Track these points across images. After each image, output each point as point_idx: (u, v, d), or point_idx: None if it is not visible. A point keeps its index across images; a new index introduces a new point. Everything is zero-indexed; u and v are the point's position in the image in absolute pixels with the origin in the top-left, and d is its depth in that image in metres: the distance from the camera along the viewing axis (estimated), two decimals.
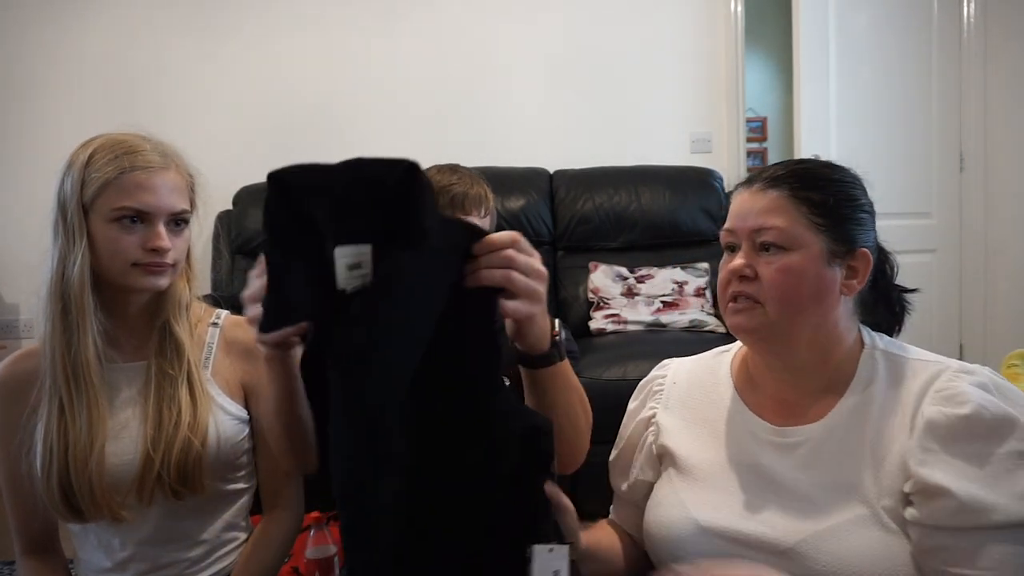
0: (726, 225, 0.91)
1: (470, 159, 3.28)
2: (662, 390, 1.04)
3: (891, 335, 0.96)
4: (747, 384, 0.97)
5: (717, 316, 2.81)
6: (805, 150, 3.19)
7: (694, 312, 2.81)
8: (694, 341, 2.60)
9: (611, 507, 1.11)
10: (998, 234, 3.38)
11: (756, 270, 0.86)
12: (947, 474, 0.77)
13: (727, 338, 2.73)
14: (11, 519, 1.12)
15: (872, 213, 0.91)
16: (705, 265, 2.99)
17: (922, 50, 3.37)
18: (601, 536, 1.05)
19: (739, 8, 3.39)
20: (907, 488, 0.80)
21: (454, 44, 3.44)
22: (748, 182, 0.91)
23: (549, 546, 0.74)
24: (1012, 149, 3.36)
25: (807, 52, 3.17)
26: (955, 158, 3.43)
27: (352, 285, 0.68)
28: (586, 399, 0.92)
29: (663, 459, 1.00)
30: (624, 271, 2.98)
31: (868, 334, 0.93)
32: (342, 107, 3.41)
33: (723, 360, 1.03)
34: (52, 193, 1.06)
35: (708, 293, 2.91)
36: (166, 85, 3.35)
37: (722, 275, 0.91)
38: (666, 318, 2.78)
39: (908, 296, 0.99)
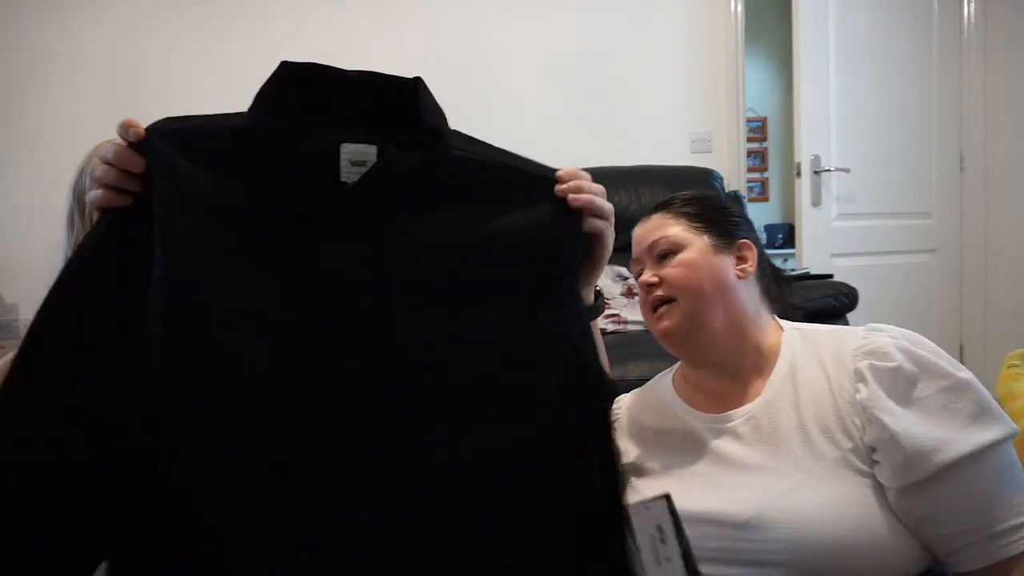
0: (633, 255, 1.08)
1: None
2: (616, 419, 1.07)
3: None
4: (686, 389, 1.05)
5: None
6: (805, 150, 3.19)
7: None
8: None
9: None
10: (998, 234, 3.38)
11: (661, 276, 1.01)
12: (893, 418, 0.83)
13: None
14: None
15: (747, 220, 1.10)
16: None
17: (922, 50, 3.37)
18: None
19: (739, 8, 3.39)
20: (867, 439, 0.85)
21: (454, 44, 3.44)
22: (642, 221, 1.09)
23: (644, 503, 0.69)
24: (1012, 149, 3.36)
25: (807, 52, 3.17)
26: (955, 158, 3.43)
27: (354, 178, 0.65)
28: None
29: (627, 476, 1.03)
30: (624, 271, 2.98)
31: (786, 323, 1.04)
32: None
33: (664, 380, 1.11)
34: (69, 186, 1.09)
35: None
36: (167, 84, 3.35)
37: (640, 297, 1.05)
38: None
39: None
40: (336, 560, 0.59)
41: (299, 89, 0.66)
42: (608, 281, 2.94)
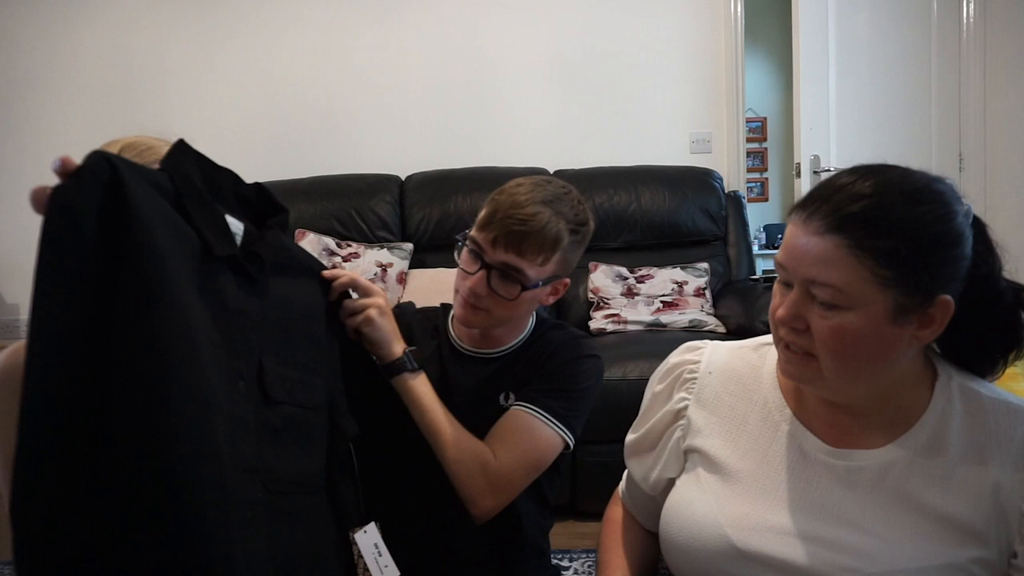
0: (779, 257, 0.79)
1: (470, 159, 3.32)
2: (694, 379, 0.92)
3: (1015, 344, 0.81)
4: (794, 393, 0.86)
5: (717, 316, 2.82)
6: (805, 150, 3.19)
7: (694, 312, 2.81)
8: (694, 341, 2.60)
9: (622, 486, 1.04)
10: (998, 234, 3.37)
11: (808, 321, 0.75)
12: None
13: (727, 338, 2.72)
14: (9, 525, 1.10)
15: (965, 240, 0.75)
16: (705, 265, 2.99)
17: (922, 50, 3.37)
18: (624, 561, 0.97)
19: (739, 8, 3.39)
20: (1019, 550, 0.73)
21: (454, 44, 3.44)
22: (804, 209, 0.76)
23: (362, 528, 0.92)
24: (1012, 149, 3.36)
25: (807, 52, 3.17)
26: (955, 158, 3.43)
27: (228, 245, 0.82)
28: (461, 452, 1.04)
29: (690, 456, 0.91)
30: (624, 271, 2.98)
31: (941, 364, 0.82)
32: (342, 106, 3.42)
33: (767, 357, 0.90)
34: None
35: (708, 293, 2.91)
36: (167, 84, 3.36)
37: (772, 311, 0.80)
38: (666, 318, 2.78)
39: None
40: None
41: (196, 165, 0.82)
42: (608, 281, 2.95)
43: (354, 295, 1.02)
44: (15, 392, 1.10)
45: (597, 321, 2.83)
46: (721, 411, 0.89)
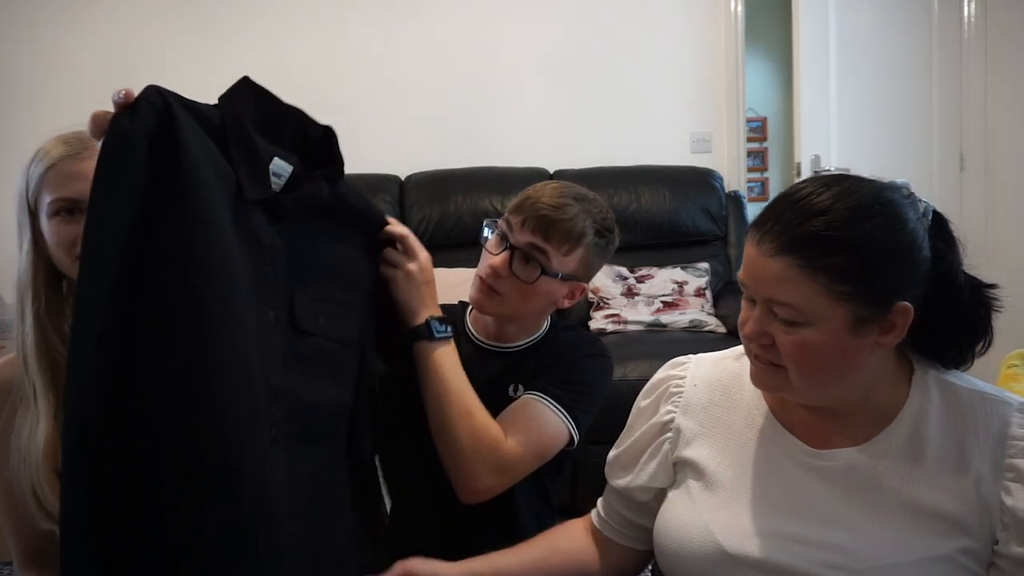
0: (740, 274, 0.82)
1: (470, 159, 3.31)
2: (680, 392, 0.95)
3: (973, 342, 0.84)
4: (777, 401, 0.88)
5: (717, 316, 2.82)
6: (805, 150, 3.19)
7: (694, 312, 2.81)
8: (694, 341, 2.60)
9: (599, 502, 1.04)
10: (998, 234, 3.38)
11: (772, 337, 0.78)
12: None
13: (728, 338, 2.70)
14: (7, 532, 1.09)
15: (919, 245, 0.77)
16: (705, 265, 2.99)
17: (922, 50, 3.37)
18: (518, 557, 0.97)
19: (739, 8, 3.39)
20: (1003, 549, 0.74)
21: (454, 44, 3.44)
22: (757, 230, 0.79)
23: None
24: (1012, 149, 3.36)
25: (807, 52, 3.17)
26: (955, 158, 3.43)
27: (272, 185, 0.86)
28: (475, 426, 1.03)
29: (679, 468, 0.92)
30: (624, 271, 2.98)
31: (917, 359, 0.84)
32: (343, 106, 3.41)
33: (748, 365, 0.92)
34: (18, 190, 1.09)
35: (708, 293, 2.91)
36: (166, 84, 3.35)
37: (740, 324, 0.82)
38: (666, 318, 2.78)
39: (992, 294, 0.84)
40: None
41: (254, 103, 0.86)
42: (608, 281, 2.95)
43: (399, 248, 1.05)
44: (2, 404, 1.09)
45: (597, 321, 2.83)
46: (708, 421, 0.91)
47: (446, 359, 1.06)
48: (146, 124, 0.72)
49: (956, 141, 3.42)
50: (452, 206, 3.10)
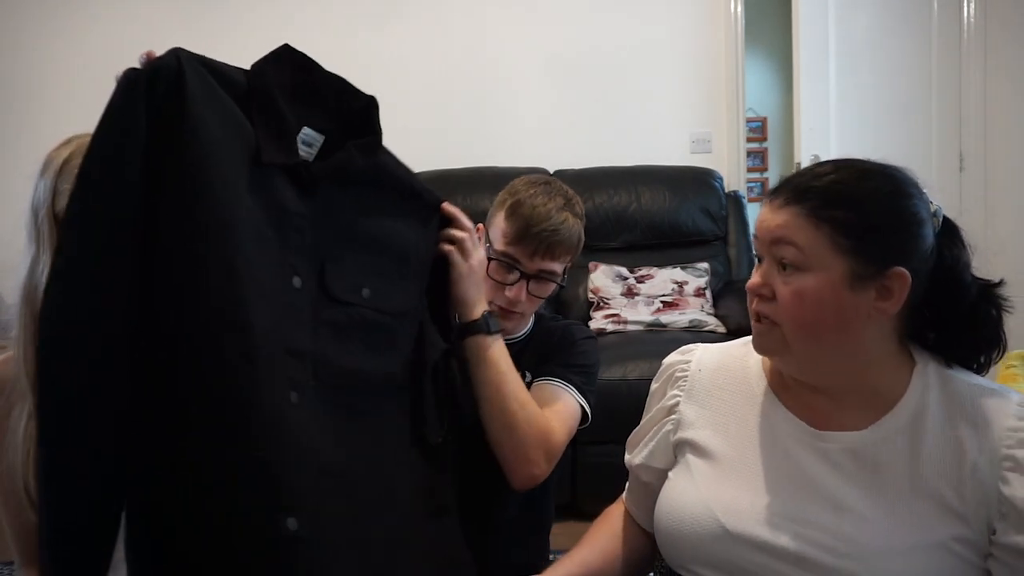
0: (754, 230, 0.87)
1: (470, 159, 3.31)
2: (685, 376, 0.97)
3: (985, 344, 0.85)
4: (779, 381, 0.90)
5: (717, 316, 2.82)
6: (805, 150, 3.19)
7: (694, 312, 2.81)
8: (694, 341, 2.59)
9: (626, 486, 1.07)
10: (998, 234, 3.38)
11: (774, 289, 0.81)
12: None
13: (728, 338, 2.71)
14: (7, 531, 1.09)
15: (921, 222, 0.81)
16: (705, 265, 2.99)
17: (922, 50, 3.37)
18: (595, 551, 1.00)
19: (739, 8, 3.39)
20: (1000, 539, 0.75)
21: (454, 44, 3.44)
22: (774, 191, 0.84)
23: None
24: (1012, 149, 3.36)
25: (807, 52, 3.17)
26: (955, 158, 3.43)
27: (301, 154, 0.86)
28: (530, 416, 1.05)
29: (680, 449, 0.94)
30: (624, 271, 2.98)
31: (919, 352, 0.85)
32: None
33: (752, 351, 0.93)
34: (29, 195, 1.07)
35: (708, 293, 2.91)
36: None
37: (748, 286, 0.86)
38: (666, 318, 2.78)
39: (1001, 293, 0.85)
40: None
41: (291, 71, 0.86)
42: (608, 281, 2.95)
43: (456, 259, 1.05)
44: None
45: (597, 321, 2.83)
46: (711, 404, 0.93)
47: (502, 352, 1.07)
48: (153, 77, 0.75)
49: (956, 141, 3.42)
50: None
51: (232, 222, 0.77)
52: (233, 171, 0.78)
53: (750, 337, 0.94)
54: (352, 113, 0.91)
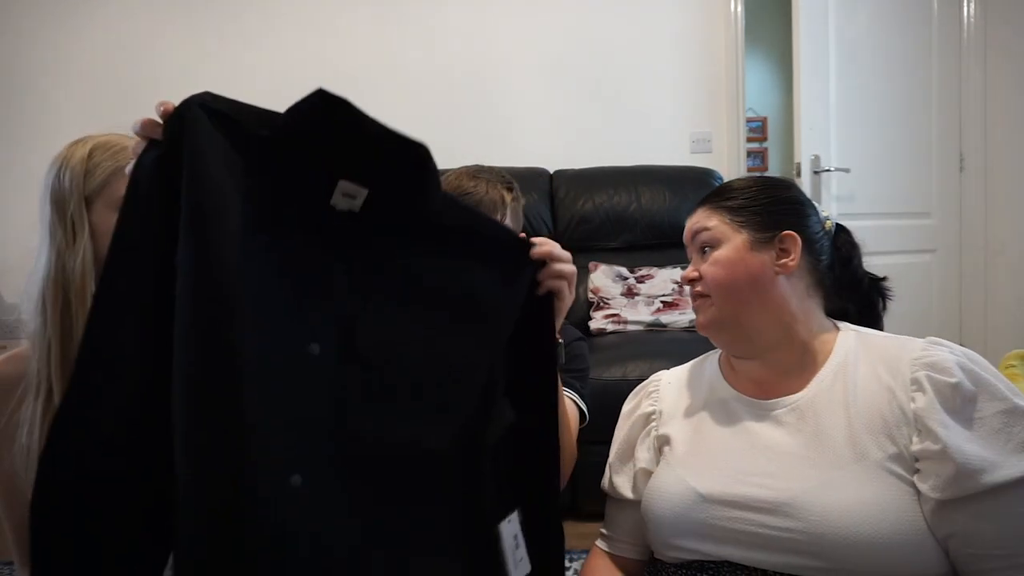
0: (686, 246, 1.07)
1: (470, 159, 3.30)
2: (657, 390, 1.11)
3: (874, 323, 1.07)
4: (730, 372, 1.06)
5: None
6: (805, 150, 3.19)
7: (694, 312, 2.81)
8: (694, 341, 2.59)
9: (601, 531, 1.11)
10: (998, 234, 3.38)
11: (700, 272, 1.02)
12: (947, 431, 0.82)
13: None
14: (7, 530, 1.09)
15: (800, 204, 1.04)
16: None
17: (922, 50, 3.37)
18: None
19: (739, 8, 3.39)
20: (914, 447, 0.85)
21: (454, 44, 3.44)
22: (692, 212, 1.08)
23: (506, 518, 0.85)
24: (1012, 149, 3.36)
25: (807, 52, 3.17)
26: (955, 158, 3.43)
27: (341, 206, 0.80)
28: (570, 429, 1.08)
29: (662, 447, 1.05)
30: (624, 271, 2.98)
31: (843, 324, 1.02)
32: None
33: (711, 358, 1.12)
34: (43, 192, 1.07)
35: None
36: (164, 84, 3.35)
37: (682, 277, 1.07)
38: (666, 318, 2.78)
39: (886, 285, 1.10)
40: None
41: (325, 115, 0.76)
42: (608, 281, 2.95)
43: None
44: (5, 401, 1.09)
45: (597, 321, 2.83)
46: (681, 403, 1.08)
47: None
48: (159, 150, 0.74)
49: (956, 141, 3.42)
50: None
51: (235, 297, 0.71)
52: (241, 236, 0.73)
53: (707, 354, 1.13)
54: (400, 161, 0.80)
